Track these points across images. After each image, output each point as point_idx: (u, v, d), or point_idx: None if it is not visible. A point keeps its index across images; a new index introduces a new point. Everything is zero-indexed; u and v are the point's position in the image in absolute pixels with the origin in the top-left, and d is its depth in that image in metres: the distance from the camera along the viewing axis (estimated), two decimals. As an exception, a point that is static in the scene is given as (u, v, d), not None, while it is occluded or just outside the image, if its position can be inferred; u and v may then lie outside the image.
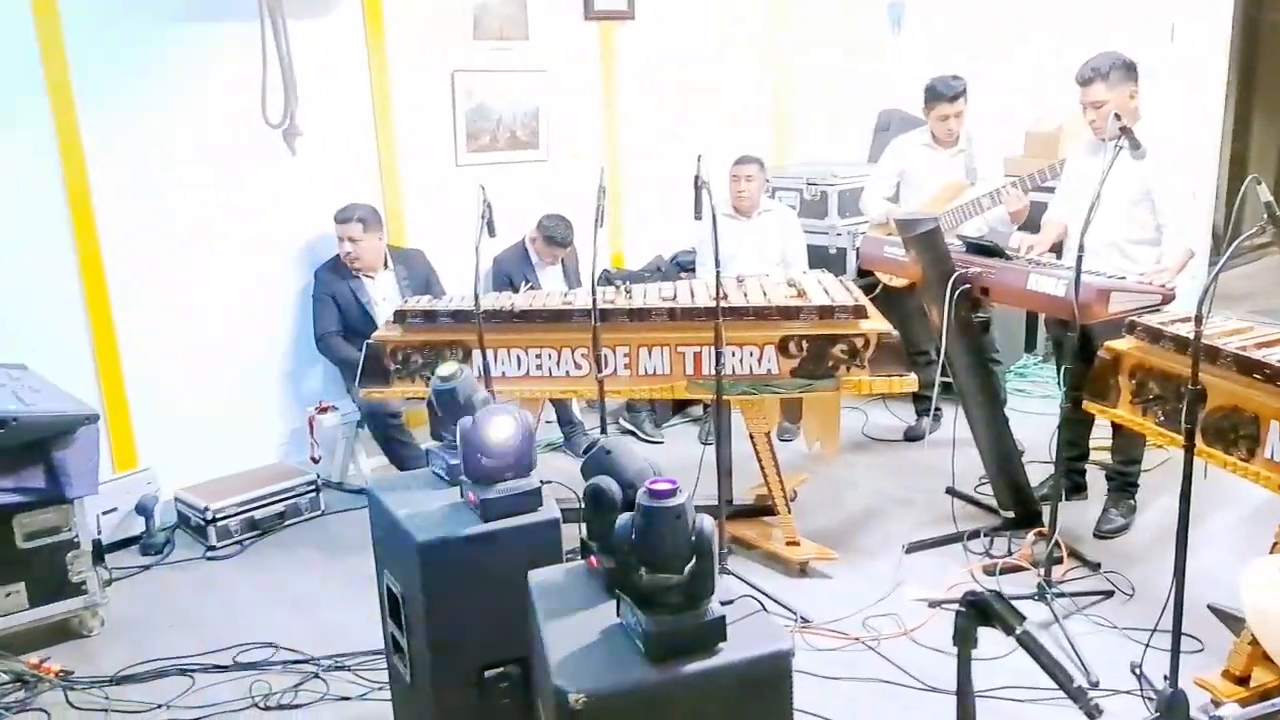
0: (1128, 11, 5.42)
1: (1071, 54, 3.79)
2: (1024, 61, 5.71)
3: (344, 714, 2.98)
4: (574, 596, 2.00)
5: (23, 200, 3.82)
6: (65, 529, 3.35)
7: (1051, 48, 5.46)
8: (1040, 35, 5.71)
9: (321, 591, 3.72)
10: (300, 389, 4.67)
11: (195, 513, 4.11)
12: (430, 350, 3.64)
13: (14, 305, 3.83)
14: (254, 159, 4.27)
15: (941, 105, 4.41)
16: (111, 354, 4.08)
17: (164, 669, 3.23)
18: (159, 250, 4.15)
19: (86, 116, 3.89)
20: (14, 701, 3.09)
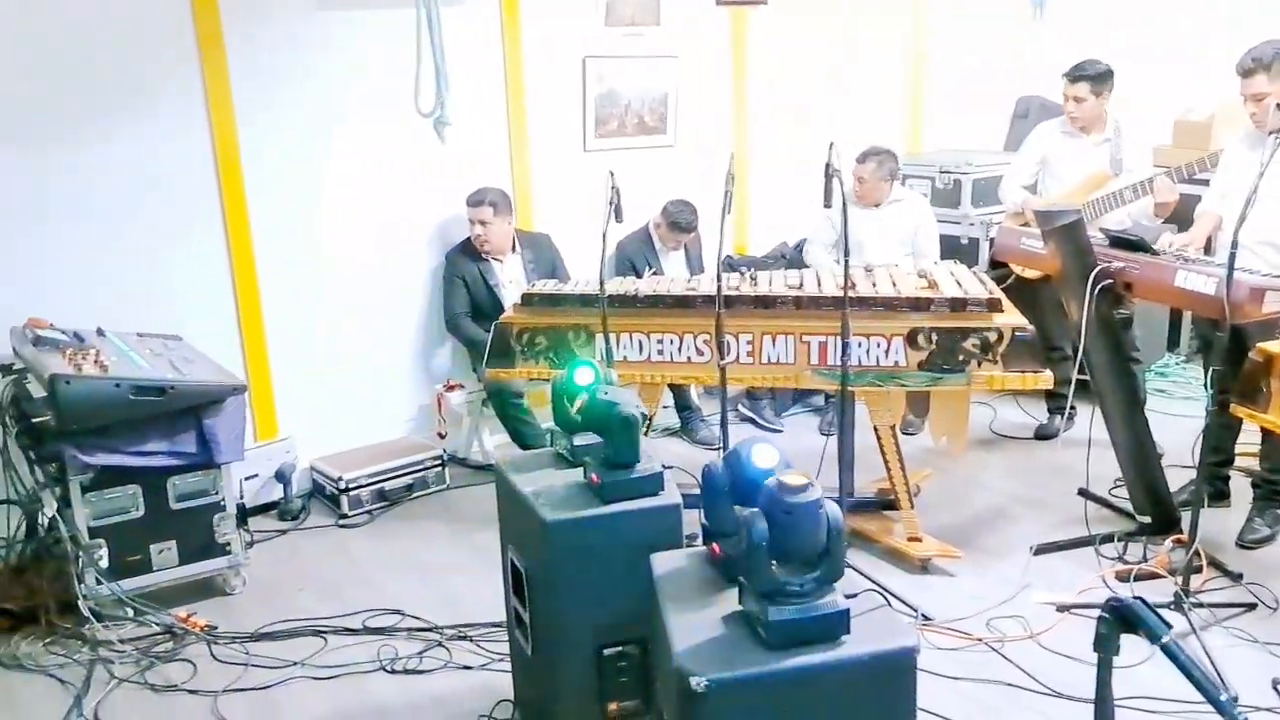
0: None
1: (1228, 39, 3.58)
2: (1175, 47, 5.42)
3: (466, 682, 3.08)
4: (695, 582, 2.01)
5: (179, 184, 4.02)
6: (213, 492, 3.55)
7: (1206, 33, 5.17)
8: (1194, 19, 5.41)
9: (446, 563, 3.84)
10: (429, 367, 4.81)
11: (329, 482, 4.30)
12: (555, 333, 3.71)
13: (172, 281, 4.05)
14: (393, 144, 4.41)
15: (1064, 85, 4.29)
16: (257, 329, 4.28)
17: (299, 629, 3.40)
18: (303, 232, 4.32)
19: (241, 104, 4.08)
20: (164, 651, 3.29)
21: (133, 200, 3.93)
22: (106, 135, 3.84)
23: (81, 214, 3.83)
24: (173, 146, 3.98)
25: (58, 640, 3.35)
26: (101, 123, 3.83)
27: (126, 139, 3.88)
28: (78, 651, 3.29)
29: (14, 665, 3.25)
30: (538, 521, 2.36)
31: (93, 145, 3.81)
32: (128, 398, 3.21)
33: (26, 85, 3.66)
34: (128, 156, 3.88)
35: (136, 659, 3.24)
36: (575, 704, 2.45)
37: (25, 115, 3.67)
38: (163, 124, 3.95)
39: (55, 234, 3.79)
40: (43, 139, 3.71)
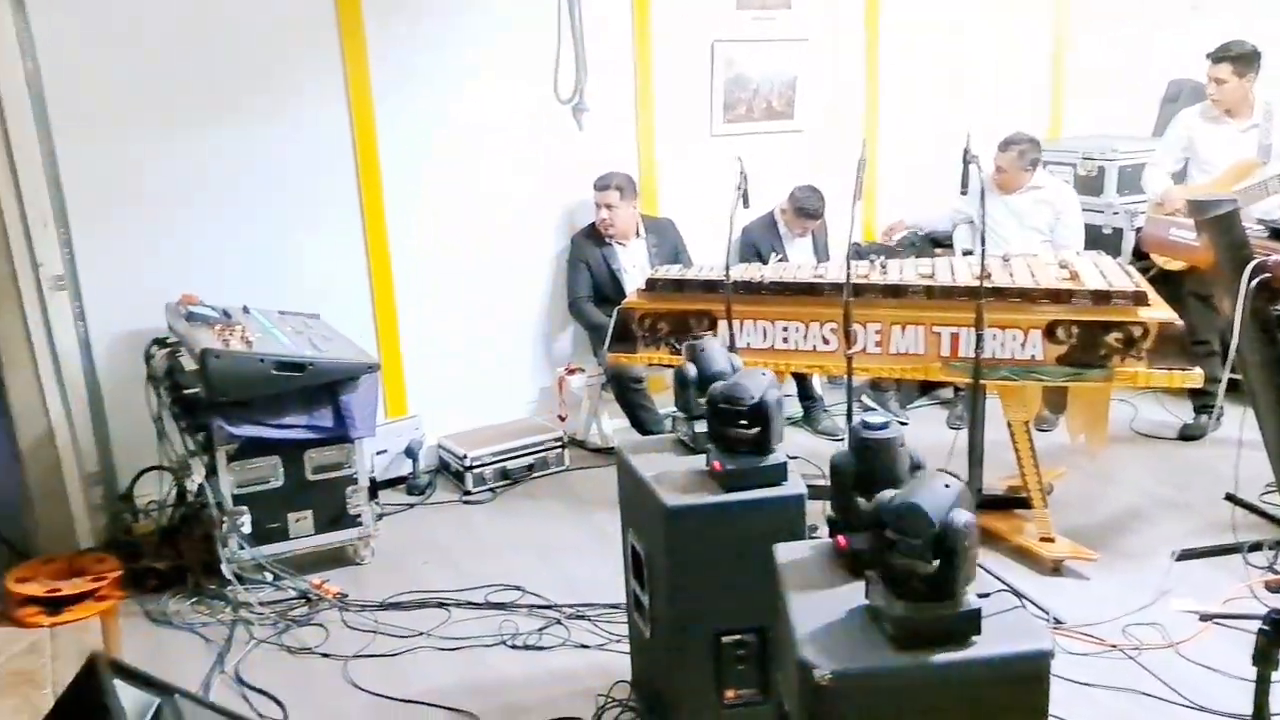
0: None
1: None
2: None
3: (584, 660, 3.11)
4: (820, 574, 1.98)
5: (319, 170, 4.17)
6: (347, 466, 3.68)
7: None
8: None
9: (565, 542, 3.89)
10: (551, 350, 4.88)
11: (455, 459, 4.41)
12: (677, 319, 3.70)
13: (311, 262, 4.21)
14: (523, 129, 4.49)
15: (1207, 66, 4.05)
16: (389, 310, 4.42)
17: (424, 600, 3.50)
18: (434, 216, 4.43)
19: (379, 93, 4.20)
20: (300, 615, 3.44)
21: (276, 185, 4.09)
22: (252, 124, 4.01)
23: (230, 197, 4.01)
24: (313, 134, 4.13)
25: (202, 600, 3.53)
26: (248, 112, 3.99)
27: (271, 127, 4.04)
28: (220, 611, 3.47)
29: (163, 621, 3.45)
30: (658, 507, 2.37)
31: (240, 133, 3.99)
32: (270, 373, 3.36)
33: (179, 76, 3.84)
34: (271, 144, 4.05)
35: (274, 621, 3.40)
36: (692, 689, 2.45)
37: (178, 104, 3.86)
38: (305, 113, 4.10)
39: (206, 216, 3.98)
40: (194, 126, 3.90)
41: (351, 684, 3.06)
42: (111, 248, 3.82)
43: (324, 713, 2.92)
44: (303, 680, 3.10)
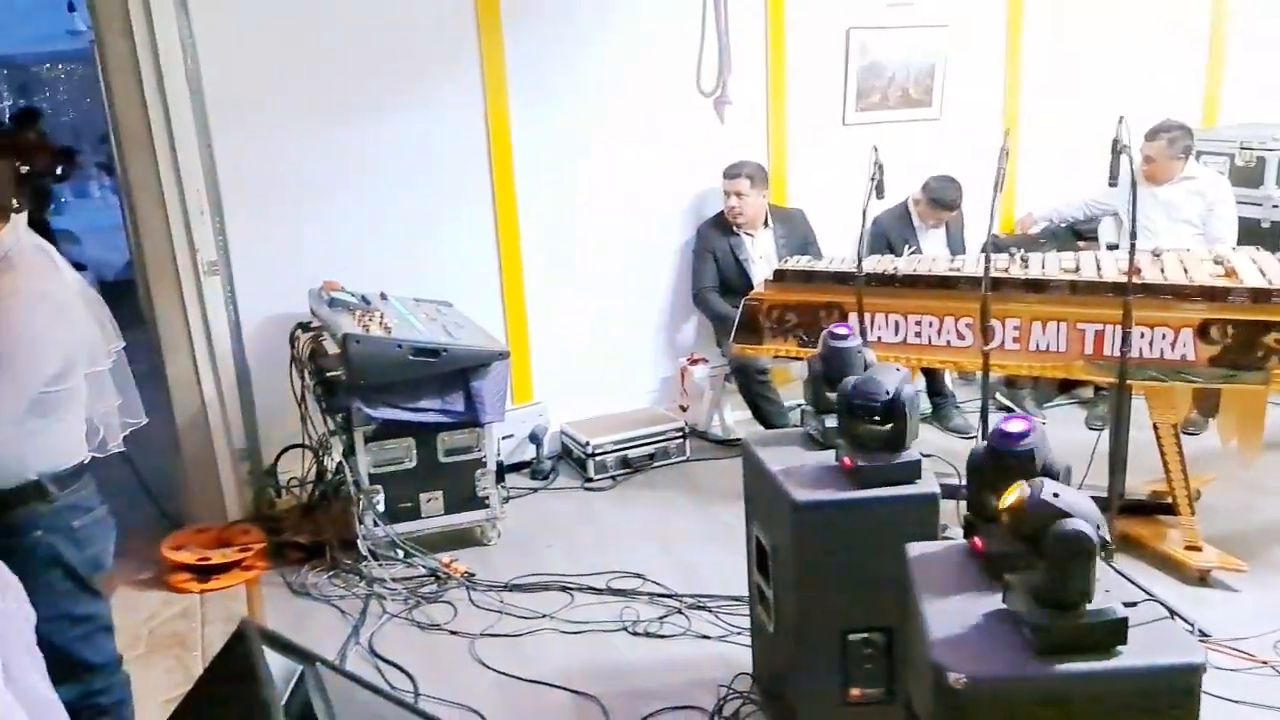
0: None
1: None
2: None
3: (704, 651, 3.12)
4: (954, 575, 1.93)
5: (454, 162, 4.26)
6: (476, 449, 3.77)
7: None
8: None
9: (685, 532, 3.90)
10: (674, 340, 4.89)
11: (577, 446, 4.47)
12: (806, 311, 3.66)
13: (444, 251, 4.32)
14: (653, 119, 4.50)
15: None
16: (518, 299, 4.50)
17: (548, 583, 3.56)
18: (564, 207, 4.48)
19: (515, 88, 4.27)
20: (429, 592, 3.55)
21: (414, 177, 4.21)
22: (393, 119, 4.13)
23: (370, 189, 4.15)
24: (450, 127, 4.23)
25: (339, 574, 3.68)
26: (388, 105, 4.11)
27: (411, 122, 4.15)
28: (355, 585, 3.61)
29: (303, 593, 3.61)
30: (787, 501, 2.35)
31: (382, 128, 4.11)
32: (408, 358, 3.47)
33: (327, 74, 3.99)
34: (410, 136, 4.16)
35: (405, 597, 3.52)
36: (816, 686, 2.43)
37: (326, 100, 4.01)
38: (443, 109, 4.20)
39: (348, 206, 4.12)
40: (340, 122, 4.04)
41: (479, 661, 3.15)
42: (261, 236, 4.00)
43: (452, 688, 3.00)
44: (432, 655, 3.20)
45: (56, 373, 2.18)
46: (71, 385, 2.24)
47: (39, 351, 2.13)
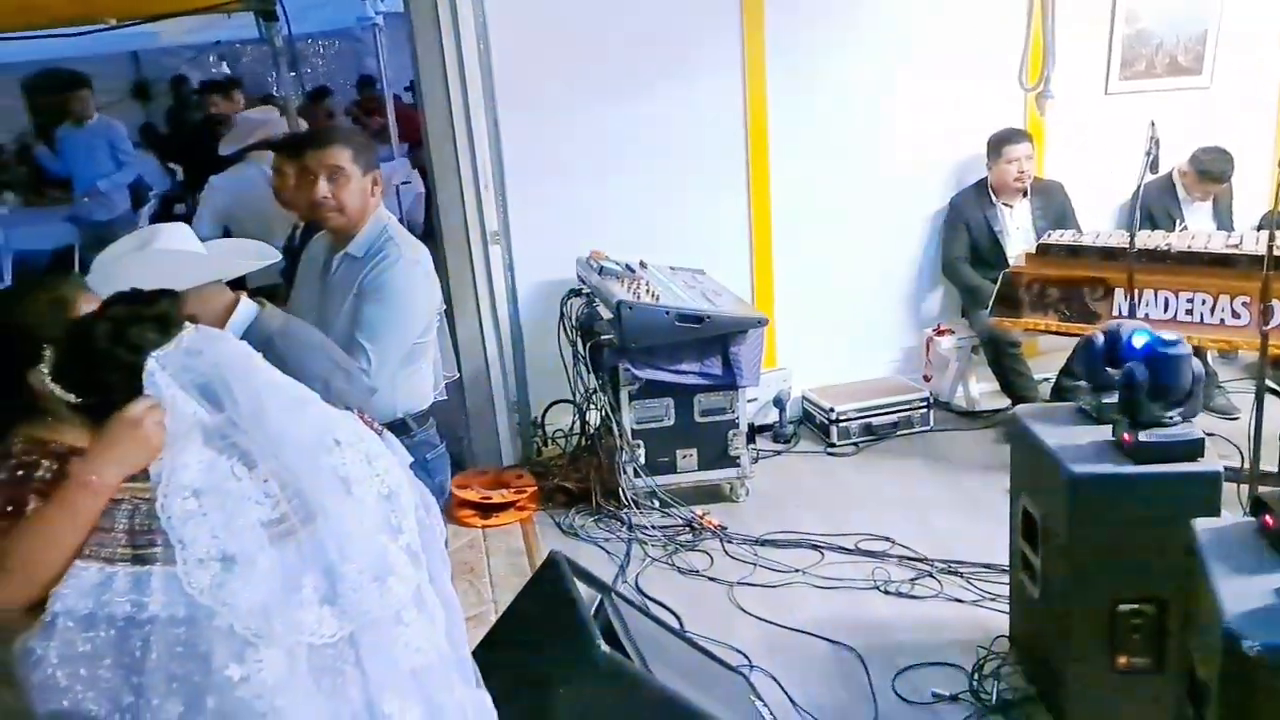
0: None
1: None
2: None
3: (957, 614, 3.23)
4: (1244, 551, 1.97)
5: (713, 138, 4.47)
6: (730, 411, 4.00)
7: None
8: None
9: (932, 501, 3.99)
10: (919, 310, 4.93)
11: (820, 412, 4.62)
12: (1069, 285, 3.64)
13: (696, 219, 4.54)
14: (905, 89, 4.55)
15: None
16: (767, 267, 4.68)
17: (798, 540, 3.76)
18: (816, 177, 4.60)
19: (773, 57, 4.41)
20: (686, 540, 3.82)
21: (673, 151, 4.44)
22: (656, 96, 4.36)
23: (633, 162, 4.41)
24: (710, 105, 4.43)
25: (602, 518, 4.02)
26: (654, 85, 4.36)
27: (672, 99, 4.37)
28: (618, 530, 3.93)
29: (571, 533, 3.96)
30: (1061, 474, 2.43)
31: (645, 104, 4.36)
32: (674, 323, 3.73)
33: (601, 55, 4.27)
34: (672, 114, 4.39)
35: (664, 543, 3.81)
36: (1082, 653, 2.51)
37: (599, 80, 4.29)
38: (703, 85, 4.40)
39: (613, 179, 4.40)
40: (611, 100, 4.31)
41: (737, 607, 3.39)
42: (536, 208, 4.35)
43: (714, 629, 3.24)
44: (693, 598, 3.46)
45: (424, 327, 2.57)
46: (428, 339, 2.64)
47: (415, 310, 2.54)
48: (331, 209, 2.62)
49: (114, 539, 1.40)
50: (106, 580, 1.37)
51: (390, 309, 2.54)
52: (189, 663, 1.38)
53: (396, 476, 1.61)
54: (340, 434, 1.57)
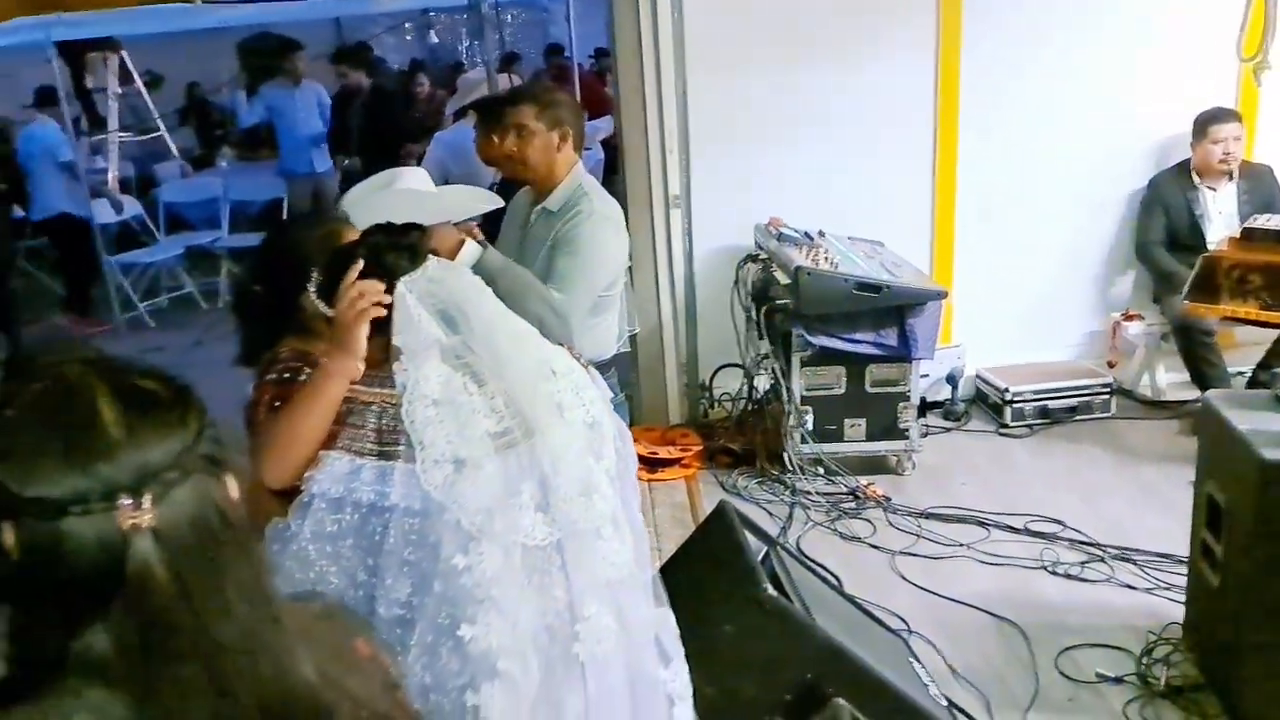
0: None
1: None
2: None
3: (1128, 600, 3.18)
4: None
5: (901, 110, 4.44)
6: (902, 383, 4.01)
7: None
8: None
9: (1108, 487, 3.90)
10: (1106, 294, 4.78)
11: (994, 391, 4.55)
12: (1273, 272, 3.48)
13: (877, 190, 4.53)
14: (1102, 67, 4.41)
15: None
16: (947, 241, 4.63)
17: (964, 516, 3.75)
18: (1004, 151, 4.51)
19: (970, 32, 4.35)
20: (849, 508, 3.88)
21: (859, 121, 4.44)
22: (846, 63, 4.37)
23: (816, 129, 4.43)
24: (901, 76, 4.41)
25: (765, 481, 4.11)
26: (843, 52, 4.36)
27: (862, 67, 4.37)
28: (781, 493, 4.02)
29: (733, 492, 4.07)
30: (1252, 460, 2.36)
31: (835, 72, 4.37)
32: (851, 292, 3.77)
33: (791, 21, 4.31)
34: (860, 82, 4.39)
35: (827, 509, 3.87)
36: (1262, 643, 2.44)
37: (788, 46, 4.32)
38: (894, 54, 4.38)
39: (795, 145, 4.44)
40: (799, 67, 4.34)
41: (899, 575, 3.43)
42: (718, 173, 4.45)
43: (873, 593, 3.28)
44: (854, 564, 3.52)
45: (610, 281, 2.73)
46: (615, 293, 2.79)
47: (604, 263, 2.70)
48: (517, 163, 2.82)
49: (364, 435, 1.60)
50: (355, 470, 1.57)
51: (581, 261, 2.71)
52: (420, 550, 1.56)
53: (600, 408, 1.76)
54: (556, 365, 1.72)
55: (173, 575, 0.82)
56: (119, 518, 0.81)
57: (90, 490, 0.81)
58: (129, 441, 0.83)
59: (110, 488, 0.81)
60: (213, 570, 0.85)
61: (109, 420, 0.83)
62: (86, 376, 0.86)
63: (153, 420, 0.85)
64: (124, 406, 0.84)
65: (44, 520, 0.80)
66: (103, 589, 0.81)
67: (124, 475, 0.82)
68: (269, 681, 0.86)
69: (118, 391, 0.85)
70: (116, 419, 0.83)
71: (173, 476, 0.84)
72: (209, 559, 0.85)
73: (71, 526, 0.80)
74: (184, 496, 0.84)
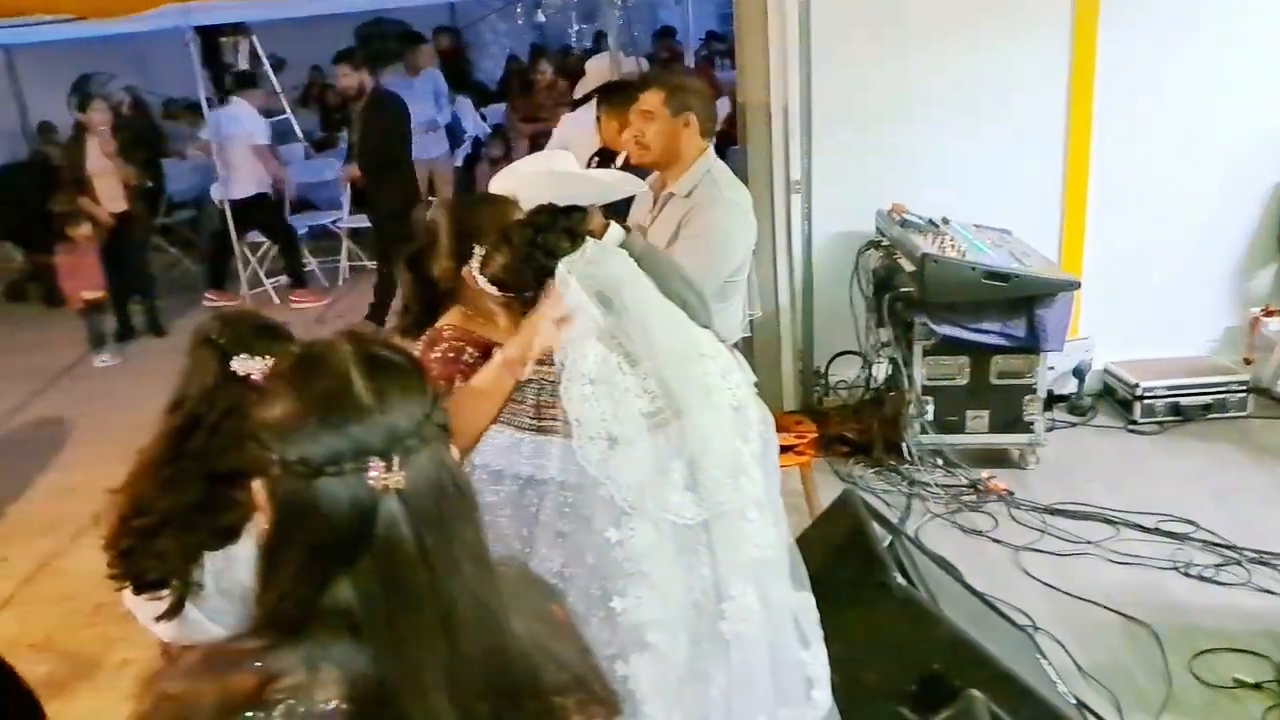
0: None
1: None
2: None
3: (1267, 605, 3.07)
4: None
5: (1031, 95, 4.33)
6: (1028, 375, 3.93)
7: None
8: None
9: (1244, 488, 3.76)
10: (1244, 289, 4.58)
11: (1123, 386, 4.41)
12: None
13: (1004, 177, 4.43)
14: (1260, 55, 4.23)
15: None
16: (1078, 231, 4.49)
17: (1090, 513, 3.66)
18: (1143, 141, 4.36)
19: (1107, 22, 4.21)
20: (968, 501, 3.82)
21: (985, 105, 4.35)
22: (974, 47, 4.28)
23: (942, 116, 4.36)
24: (1031, 61, 4.30)
25: (882, 471, 4.08)
26: (974, 35, 4.27)
27: (994, 52, 4.28)
28: (898, 484, 3.98)
29: (849, 481, 4.04)
30: None
31: (964, 59, 4.29)
32: (979, 281, 3.70)
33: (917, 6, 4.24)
34: (991, 68, 4.30)
35: (946, 501, 3.82)
36: None
37: (915, 31, 4.26)
38: (1026, 40, 4.28)
39: (919, 132, 4.37)
40: (926, 52, 4.27)
41: (1023, 571, 3.37)
42: (838, 158, 4.40)
43: (995, 588, 3.23)
44: (975, 557, 3.46)
45: (736, 266, 2.74)
46: (740, 279, 2.80)
47: (729, 249, 2.71)
48: (639, 147, 2.83)
49: (523, 411, 1.65)
50: (515, 444, 1.63)
51: (706, 247, 2.71)
52: (574, 522, 1.61)
53: (745, 392, 1.78)
54: (704, 348, 1.75)
55: (415, 535, 0.87)
56: (370, 479, 0.86)
57: (345, 452, 0.86)
58: (379, 406, 0.89)
59: (363, 450, 0.87)
60: (445, 531, 0.90)
61: (361, 387, 0.89)
62: (336, 346, 0.92)
63: (399, 387, 0.91)
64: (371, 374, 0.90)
65: (302, 480, 0.86)
66: (352, 546, 0.86)
67: (375, 439, 0.87)
68: (490, 637, 0.91)
69: (365, 360, 0.91)
70: (367, 386, 0.89)
71: (414, 442, 0.89)
72: (443, 520, 0.90)
73: (326, 487, 0.86)
74: (424, 460, 0.89)
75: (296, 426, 0.88)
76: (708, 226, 2.73)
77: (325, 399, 0.89)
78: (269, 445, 0.88)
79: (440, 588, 0.89)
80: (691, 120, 2.89)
